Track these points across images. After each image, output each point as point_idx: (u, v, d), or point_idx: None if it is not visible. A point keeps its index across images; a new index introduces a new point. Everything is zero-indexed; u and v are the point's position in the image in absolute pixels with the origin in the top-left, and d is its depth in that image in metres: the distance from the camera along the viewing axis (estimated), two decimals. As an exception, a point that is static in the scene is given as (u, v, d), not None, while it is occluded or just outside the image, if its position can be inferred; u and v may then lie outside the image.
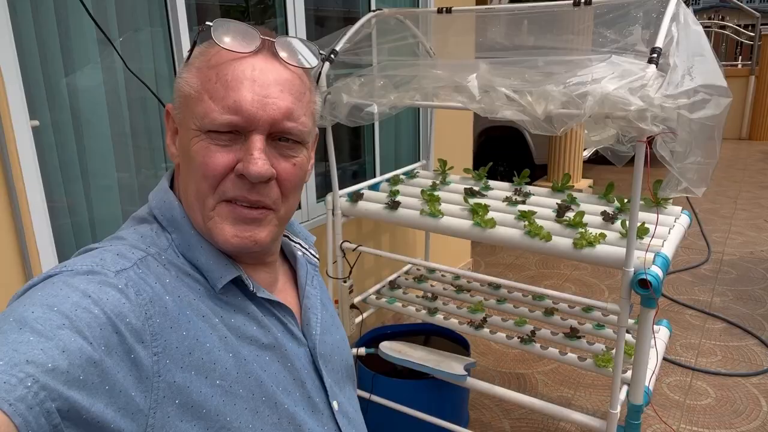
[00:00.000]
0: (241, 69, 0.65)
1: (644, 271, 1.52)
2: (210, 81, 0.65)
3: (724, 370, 2.93)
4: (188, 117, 0.67)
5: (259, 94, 0.64)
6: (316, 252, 0.88)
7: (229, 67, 0.65)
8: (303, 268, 0.82)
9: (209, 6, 2.21)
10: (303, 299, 0.80)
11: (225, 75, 0.64)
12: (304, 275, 0.82)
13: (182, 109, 0.69)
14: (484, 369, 2.97)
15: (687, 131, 1.48)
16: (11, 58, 1.47)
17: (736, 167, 7.62)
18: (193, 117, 0.66)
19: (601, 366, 1.90)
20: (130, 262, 0.62)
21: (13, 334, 0.50)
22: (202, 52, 0.68)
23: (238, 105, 0.63)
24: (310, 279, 0.83)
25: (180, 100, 0.69)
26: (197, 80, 0.66)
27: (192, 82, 0.67)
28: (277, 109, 0.65)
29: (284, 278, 0.81)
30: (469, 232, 1.93)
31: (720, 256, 4.46)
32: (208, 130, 0.65)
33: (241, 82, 0.64)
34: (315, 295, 0.82)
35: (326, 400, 0.78)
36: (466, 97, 1.61)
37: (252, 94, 0.64)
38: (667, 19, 1.49)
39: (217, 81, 0.64)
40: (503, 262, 4.43)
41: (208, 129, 0.65)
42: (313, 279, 0.83)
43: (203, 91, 0.65)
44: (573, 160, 5.48)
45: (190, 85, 0.67)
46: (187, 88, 0.67)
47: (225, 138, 0.65)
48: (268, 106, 0.64)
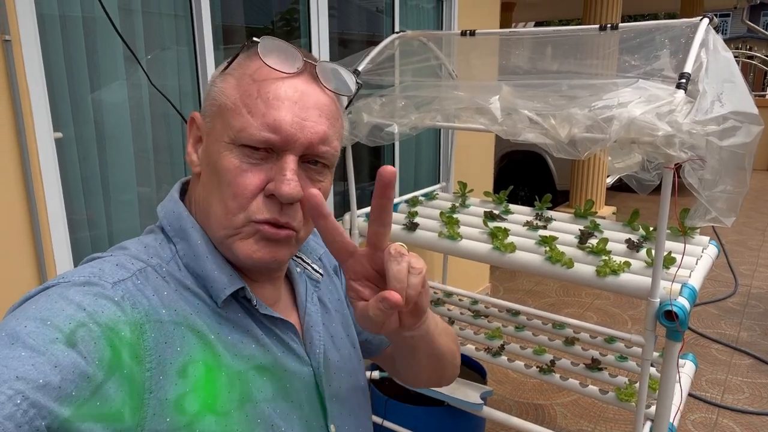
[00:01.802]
0: (283, 89, 0.65)
1: (670, 303, 1.47)
2: (251, 96, 0.64)
3: (752, 409, 2.81)
4: (221, 128, 0.66)
5: (298, 116, 0.64)
6: (321, 267, 0.85)
7: (272, 85, 0.65)
8: (302, 285, 0.80)
9: (235, 28, 2.24)
10: (304, 317, 0.78)
11: (267, 92, 0.64)
12: (303, 292, 0.79)
13: (214, 118, 0.68)
14: (500, 398, 2.89)
15: (716, 159, 1.44)
16: (38, 71, 1.50)
17: (764, 198, 7.44)
18: (227, 129, 0.65)
19: (623, 400, 1.83)
20: (128, 273, 0.61)
21: (5, 349, 0.49)
22: (243, 64, 0.68)
23: (278, 124, 0.63)
24: (311, 296, 0.80)
25: (213, 110, 0.68)
26: (236, 92, 0.66)
27: (229, 93, 0.66)
28: (315, 133, 0.65)
29: (286, 296, 0.79)
30: (488, 256, 1.89)
31: (747, 289, 4.33)
32: (242, 144, 0.64)
33: (282, 102, 0.64)
34: (316, 312, 0.79)
35: (324, 424, 0.75)
36: (488, 119, 1.59)
37: (292, 115, 0.64)
38: (696, 44, 1.46)
39: (258, 97, 0.64)
40: (522, 288, 4.35)
41: (243, 143, 0.64)
42: (313, 295, 0.81)
43: (242, 105, 0.65)
44: (596, 186, 5.40)
45: (227, 96, 0.66)
46: (223, 98, 0.66)
47: (258, 155, 0.64)
48: (306, 129, 0.64)
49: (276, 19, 2.43)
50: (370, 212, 0.61)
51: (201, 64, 1.97)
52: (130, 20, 1.77)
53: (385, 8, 2.96)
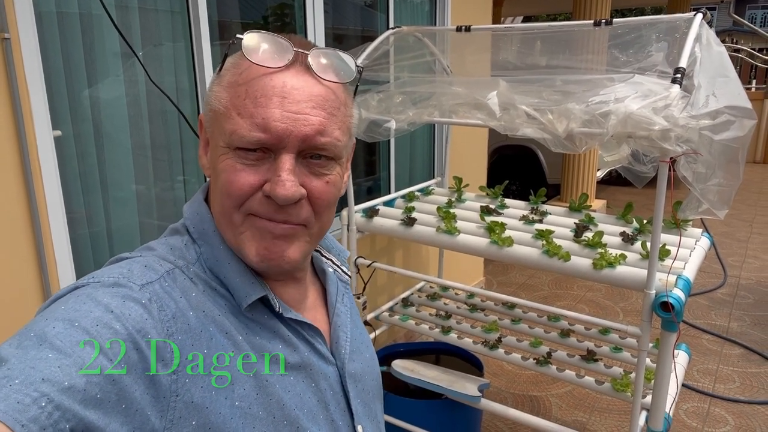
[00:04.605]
0: (271, 85, 0.62)
1: (666, 294, 1.50)
2: (239, 97, 0.63)
3: (744, 398, 2.87)
4: (217, 134, 0.66)
5: (289, 110, 0.62)
6: (348, 269, 0.86)
7: (259, 83, 0.62)
8: (333, 285, 0.80)
9: (231, 23, 2.23)
10: (333, 317, 0.78)
11: (254, 91, 0.62)
12: (334, 293, 0.79)
13: (212, 123, 0.67)
14: (496, 390, 2.92)
15: (710, 152, 1.47)
16: (37, 69, 1.49)
17: (751, 190, 7.54)
18: (221, 134, 0.64)
19: (619, 390, 1.86)
20: (157, 275, 0.61)
21: (33, 350, 0.49)
22: (234, 64, 0.66)
23: (267, 122, 0.61)
24: (341, 297, 0.80)
25: (210, 115, 0.67)
26: (227, 96, 0.64)
27: (222, 97, 0.65)
28: (308, 125, 0.63)
29: (314, 295, 0.79)
30: (486, 250, 1.91)
31: (736, 280, 4.39)
32: (236, 148, 0.63)
33: (270, 99, 0.62)
34: (345, 312, 0.79)
35: (351, 424, 0.75)
36: (486, 115, 1.61)
37: (281, 110, 0.62)
38: (690, 39, 1.49)
39: (246, 97, 0.62)
40: (516, 282, 4.38)
41: (236, 146, 0.63)
42: (343, 297, 0.81)
43: (231, 108, 0.63)
44: (587, 180, 5.45)
45: (220, 101, 0.65)
46: (216, 103, 0.66)
47: (253, 156, 0.63)
48: (298, 123, 0.62)
49: (270, 14, 2.43)
50: None
51: (198, 60, 1.97)
52: (126, 17, 1.76)
53: (379, 4, 2.96)
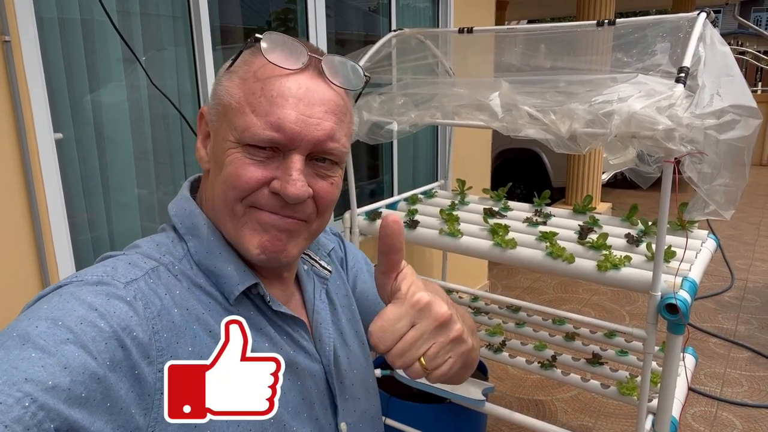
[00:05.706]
0: (287, 86, 0.63)
1: (672, 296, 1.48)
2: (254, 95, 0.63)
3: (752, 402, 2.83)
4: (226, 127, 0.66)
5: (303, 113, 0.63)
6: (329, 263, 0.84)
7: (276, 82, 0.63)
8: (309, 284, 0.80)
9: (233, 28, 2.24)
10: (313, 315, 0.77)
11: (270, 90, 0.63)
12: (311, 290, 0.79)
13: (219, 117, 0.67)
14: (501, 394, 2.90)
15: (715, 152, 1.45)
16: (38, 72, 1.49)
17: (758, 193, 7.49)
18: (232, 129, 0.64)
19: (625, 394, 1.84)
20: (141, 272, 0.61)
21: (15, 350, 0.49)
22: (247, 62, 0.66)
23: (282, 122, 0.62)
24: (318, 293, 0.79)
25: (218, 108, 0.67)
26: (240, 91, 0.65)
27: (234, 92, 0.65)
28: (321, 130, 0.64)
29: (296, 295, 0.79)
30: (490, 253, 1.90)
31: (744, 283, 4.35)
32: (246, 144, 0.63)
33: (286, 99, 0.63)
34: (324, 309, 0.79)
35: (334, 422, 0.75)
36: (489, 116, 1.60)
37: (296, 112, 0.62)
38: (694, 38, 1.47)
39: (262, 95, 0.63)
40: (520, 285, 4.36)
41: (248, 143, 0.63)
42: (321, 293, 0.80)
43: (245, 104, 0.64)
44: (592, 183, 5.42)
45: (232, 96, 0.65)
46: (227, 97, 0.66)
47: (263, 154, 0.64)
48: (311, 126, 0.63)
49: (273, 19, 2.43)
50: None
51: (200, 64, 1.97)
52: (128, 22, 1.76)
53: (382, 8, 2.96)
